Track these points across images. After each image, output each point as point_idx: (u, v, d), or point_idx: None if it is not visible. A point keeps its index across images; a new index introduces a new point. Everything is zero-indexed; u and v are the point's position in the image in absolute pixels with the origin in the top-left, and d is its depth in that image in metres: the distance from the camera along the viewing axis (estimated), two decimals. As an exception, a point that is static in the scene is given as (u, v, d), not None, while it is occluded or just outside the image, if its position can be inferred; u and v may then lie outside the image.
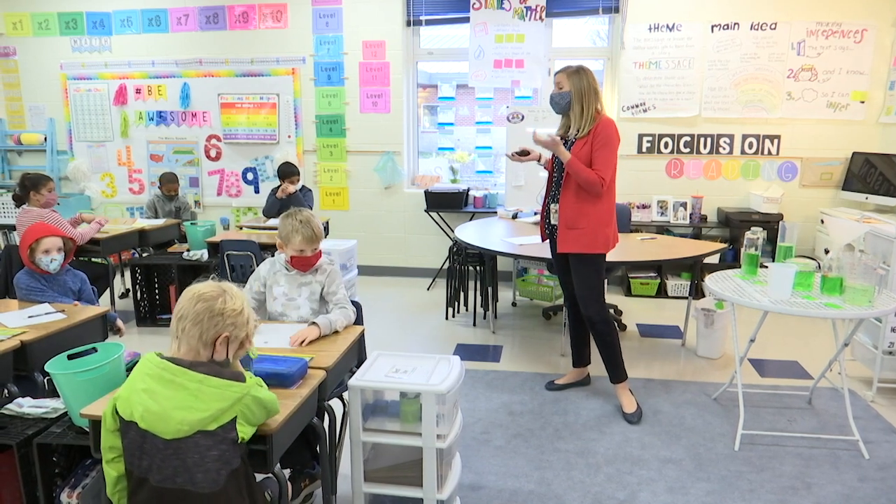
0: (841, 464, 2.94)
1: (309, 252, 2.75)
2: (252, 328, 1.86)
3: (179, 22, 6.40)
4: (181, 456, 1.66)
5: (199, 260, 4.81)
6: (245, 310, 1.82)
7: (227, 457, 1.69)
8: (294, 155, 6.38)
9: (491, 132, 6.68)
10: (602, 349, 3.46)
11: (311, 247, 2.75)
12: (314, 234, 2.73)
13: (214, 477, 1.67)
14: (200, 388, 1.67)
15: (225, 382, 1.71)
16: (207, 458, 1.67)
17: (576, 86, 3.19)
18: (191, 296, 1.77)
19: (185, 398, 1.66)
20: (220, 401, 1.68)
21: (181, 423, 1.64)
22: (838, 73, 5.53)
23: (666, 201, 5.83)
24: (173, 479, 1.67)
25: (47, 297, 3.29)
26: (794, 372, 4.03)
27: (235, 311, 1.78)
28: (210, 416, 1.67)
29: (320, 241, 2.78)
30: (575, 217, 3.26)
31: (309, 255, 2.75)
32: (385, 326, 4.95)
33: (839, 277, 2.95)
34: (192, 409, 1.65)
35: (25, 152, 6.99)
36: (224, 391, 1.69)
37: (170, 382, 1.67)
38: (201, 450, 1.66)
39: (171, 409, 1.65)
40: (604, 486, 2.77)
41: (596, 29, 6.29)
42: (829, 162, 5.70)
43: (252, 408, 1.74)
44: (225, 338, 1.77)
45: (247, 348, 1.87)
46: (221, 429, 1.68)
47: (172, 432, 1.65)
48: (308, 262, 2.77)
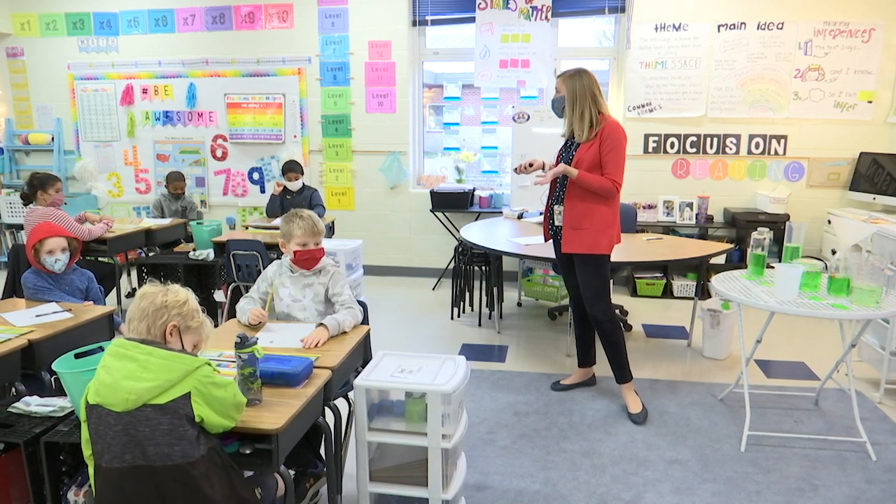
0: (848, 465, 2.93)
1: (311, 245, 2.76)
2: (204, 320, 1.92)
3: (186, 22, 6.42)
4: (130, 431, 1.67)
5: (205, 259, 4.82)
6: (190, 301, 1.88)
7: (179, 432, 1.69)
8: (300, 155, 6.39)
9: (496, 132, 6.67)
10: (607, 349, 3.46)
11: (314, 240, 2.76)
12: (314, 227, 2.76)
13: (166, 451, 1.68)
14: (149, 358, 1.71)
15: (173, 354, 1.75)
16: (157, 431, 1.67)
17: (569, 89, 3.20)
18: (136, 296, 1.85)
19: (134, 369, 1.69)
20: (167, 371, 1.71)
21: (129, 392, 1.67)
22: (846, 73, 5.50)
23: (672, 201, 5.81)
24: (122, 458, 1.68)
25: (54, 296, 3.31)
26: (800, 373, 4.01)
27: (179, 301, 1.85)
28: (157, 385, 1.68)
29: (321, 236, 2.80)
30: (580, 218, 3.26)
31: (312, 249, 2.76)
32: (390, 326, 4.95)
33: (846, 278, 2.94)
34: (140, 379, 1.68)
35: (33, 152, 7.03)
36: (172, 362, 1.72)
37: (122, 356, 1.72)
38: (151, 423, 1.67)
39: (120, 380, 1.68)
40: (609, 487, 2.76)
41: (602, 29, 6.28)
42: (836, 162, 5.68)
43: (208, 386, 1.75)
44: (174, 327, 1.82)
45: (203, 340, 1.93)
46: (173, 402, 1.69)
47: (121, 403, 1.67)
48: (312, 257, 2.78)
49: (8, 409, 2.23)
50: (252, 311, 2.70)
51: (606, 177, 3.17)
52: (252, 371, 1.98)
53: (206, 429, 1.78)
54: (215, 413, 1.77)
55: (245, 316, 2.72)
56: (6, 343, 2.58)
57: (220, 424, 1.80)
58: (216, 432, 1.82)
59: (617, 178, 3.18)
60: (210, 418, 1.76)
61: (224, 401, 1.80)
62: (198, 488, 1.71)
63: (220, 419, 1.79)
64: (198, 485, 1.71)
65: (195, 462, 1.71)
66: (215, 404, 1.77)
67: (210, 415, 1.76)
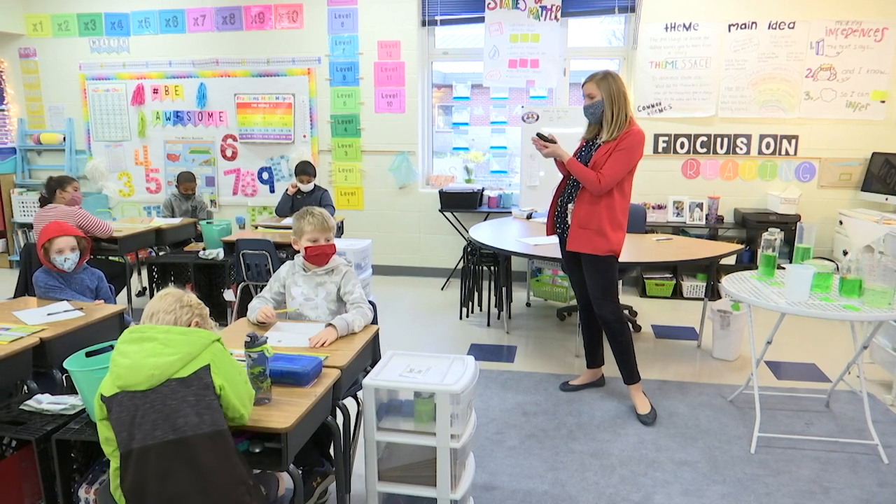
0: (859, 468, 2.91)
1: (322, 241, 2.78)
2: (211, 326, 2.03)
3: (196, 22, 6.45)
4: (158, 407, 1.71)
5: (215, 259, 4.85)
6: (205, 309, 2.02)
7: (205, 401, 1.74)
8: (309, 155, 6.41)
9: (506, 132, 6.67)
10: (615, 350, 3.45)
11: (324, 235, 2.78)
12: (325, 223, 2.78)
13: (195, 420, 1.71)
14: (167, 336, 1.80)
15: (190, 329, 1.86)
16: (185, 402, 1.72)
17: (605, 91, 3.18)
18: (157, 296, 1.97)
19: (154, 347, 1.76)
20: (188, 345, 1.79)
21: (153, 367, 1.73)
22: (858, 73, 5.46)
23: (682, 202, 5.79)
24: (153, 434, 1.70)
25: (65, 294, 3.33)
26: (811, 374, 3.99)
27: (199, 304, 1.99)
28: (179, 359, 1.75)
29: (332, 232, 2.82)
30: (588, 217, 3.25)
31: (323, 245, 2.78)
32: (399, 326, 4.96)
33: (858, 279, 2.92)
34: (162, 354, 1.75)
35: (45, 152, 7.08)
36: (190, 336, 1.81)
37: (139, 339, 1.79)
38: (177, 396, 1.73)
39: (142, 359, 1.74)
40: (618, 488, 2.75)
41: (612, 28, 6.26)
42: (848, 162, 5.64)
43: (223, 360, 1.84)
44: (196, 324, 1.95)
45: None
46: (195, 374, 1.76)
47: (146, 380, 1.72)
48: (323, 253, 2.80)
49: (20, 407, 2.25)
50: (260, 310, 2.71)
51: (598, 171, 3.16)
52: (262, 370, 1.98)
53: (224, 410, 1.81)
54: (234, 390, 1.81)
55: (253, 314, 2.74)
56: (18, 341, 2.60)
57: (235, 406, 1.81)
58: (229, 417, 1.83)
59: (608, 175, 3.13)
60: (227, 392, 1.79)
61: (238, 382, 1.85)
62: (230, 457, 1.75)
63: (236, 400, 1.82)
64: (230, 454, 1.75)
65: (224, 432, 1.75)
66: (231, 380, 1.82)
67: (228, 388, 1.80)
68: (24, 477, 2.22)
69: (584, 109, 3.29)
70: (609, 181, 3.16)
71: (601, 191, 3.18)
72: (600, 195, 3.20)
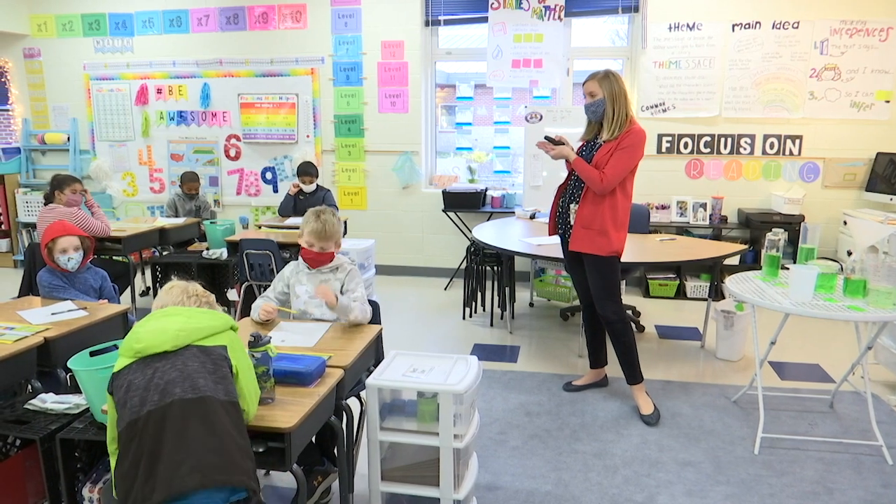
0: (864, 469, 2.90)
1: (317, 248, 2.78)
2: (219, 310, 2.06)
3: (200, 22, 6.46)
4: (179, 367, 1.74)
5: (219, 259, 4.85)
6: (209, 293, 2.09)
7: (222, 372, 1.79)
8: (312, 155, 6.41)
9: (509, 132, 6.66)
10: (618, 350, 3.44)
11: (320, 244, 2.78)
12: (324, 231, 2.76)
13: (213, 385, 1.73)
14: (191, 311, 1.90)
15: (212, 311, 1.96)
16: (205, 368, 1.76)
17: (607, 90, 3.18)
18: (163, 290, 2.05)
19: (180, 319, 1.85)
20: (212, 318, 1.88)
21: (180, 329, 1.79)
22: (862, 73, 5.45)
23: (685, 202, 5.78)
24: (171, 392, 1.68)
25: (69, 294, 3.34)
26: (815, 375, 3.98)
27: (205, 292, 2.07)
28: (205, 327, 1.84)
29: (331, 242, 2.79)
30: (591, 217, 3.25)
31: (315, 252, 2.79)
32: (402, 326, 4.96)
33: (862, 280, 2.91)
34: (189, 321, 1.83)
35: (49, 152, 7.10)
36: (213, 314, 1.92)
37: (163, 315, 1.87)
38: (199, 360, 1.77)
39: (168, 325, 1.80)
40: (621, 489, 2.75)
41: (615, 28, 6.26)
42: (852, 162, 5.62)
43: (238, 346, 1.90)
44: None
45: None
46: (215, 347, 1.82)
47: (171, 339, 1.76)
48: (315, 259, 2.81)
49: (24, 406, 2.26)
50: (262, 307, 2.72)
51: (601, 170, 3.16)
52: (265, 370, 1.99)
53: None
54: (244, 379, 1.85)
55: (256, 313, 2.75)
56: (23, 340, 2.61)
57: (244, 397, 1.83)
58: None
59: (609, 174, 3.13)
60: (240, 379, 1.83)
61: (249, 376, 1.88)
62: (243, 429, 1.76)
63: (246, 391, 1.84)
64: (243, 427, 1.76)
65: (237, 405, 1.78)
66: (245, 370, 1.87)
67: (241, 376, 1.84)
68: (28, 476, 2.23)
69: (585, 108, 3.29)
70: (612, 180, 3.16)
71: (604, 190, 3.18)
72: (603, 195, 3.20)
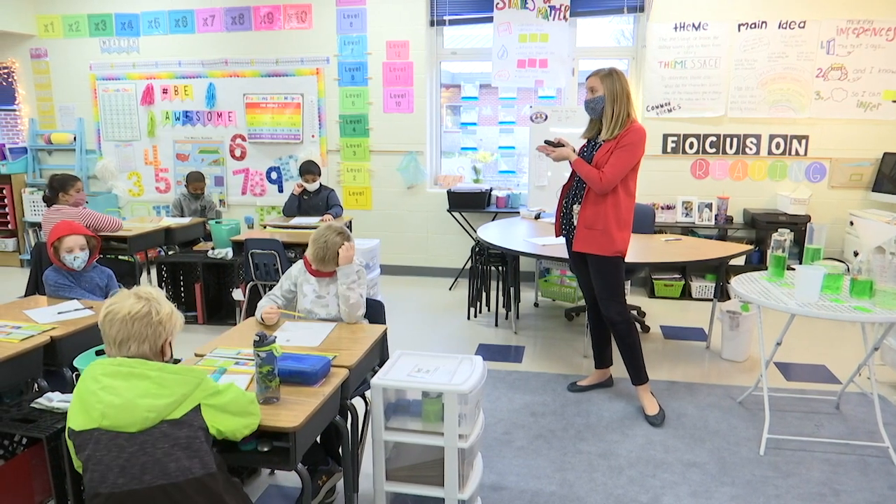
0: (870, 471, 2.89)
1: (314, 265, 2.84)
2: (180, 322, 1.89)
3: (206, 23, 6.48)
4: (148, 450, 1.63)
5: (224, 258, 4.86)
6: (174, 313, 1.86)
7: (196, 444, 1.68)
8: (318, 154, 6.42)
9: (514, 132, 6.66)
10: (623, 350, 3.44)
11: (316, 265, 2.83)
12: (323, 256, 2.79)
13: (186, 464, 1.65)
14: (161, 374, 1.70)
15: (182, 367, 1.77)
16: (177, 445, 1.65)
17: (609, 88, 3.17)
18: (121, 318, 1.75)
19: (149, 386, 1.67)
20: (182, 385, 1.70)
21: (149, 410, 1.64)
22: (869, 72, 5.43)
23: (691, 202, 5.77)
24: (140, 479, 1.62)
25: (75, 293, 3.35)
26: (821, 376, 3.96)
27: (169, 314, 1.83)
28: (175, 401, 1.67)
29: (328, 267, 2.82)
30: (594, 218, 3.24)
31: (313, 268, 2.85)
32: (407, 326, 4.96)
33: (869, 280, 2.90)
34: (158, 396, 1.66)
35: (55, 151, 7.12)
36: (184, 376, 1.72)
37: (129, 375, 1.68)
38: (169, 439, 1.65)
39: (135, 399, 1.64)
40: (626, 489, 2.75)
41: (620, 28, 6.24)
42: (858, 163, 5.60)
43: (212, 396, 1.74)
44: (169, 343, 1.85)
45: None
46: (187, 416, 1.69)
47: (140, 422, 1.63)
48: (318, 273, 2.86)
49: (31, 405, 2.27)
50: (265, 310, 2.73)
51: (600, 169, 3.16)
52: (270, 369, 1.99)
53: (229, 438, 1.79)
54: (233, 415, 1.78)
55: (260, 313, 2.76)
56: (29, 339, 2.62)
57: (244, 425, 1.80)
58: (244, 435, 1.82)
59: (610, 173, 3.12)
60: (228, 423, 1.76)
61: (234, 401, 1.80)
62: (220, 498, 1.70)
63: (241, 419, 1.80)
64: (219, 497, 1.70)
65: (215, 474, 1.70)
66: (229, 407, 1.77)
67: (227, 420, 1.76)
68: (35, 474, 2.24)
69: (584, 103, 3.30)
70: (611, 179, 3.15)
71: (604, 189, 3.17)
72: (605, 194, 3.20)
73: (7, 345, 2.54)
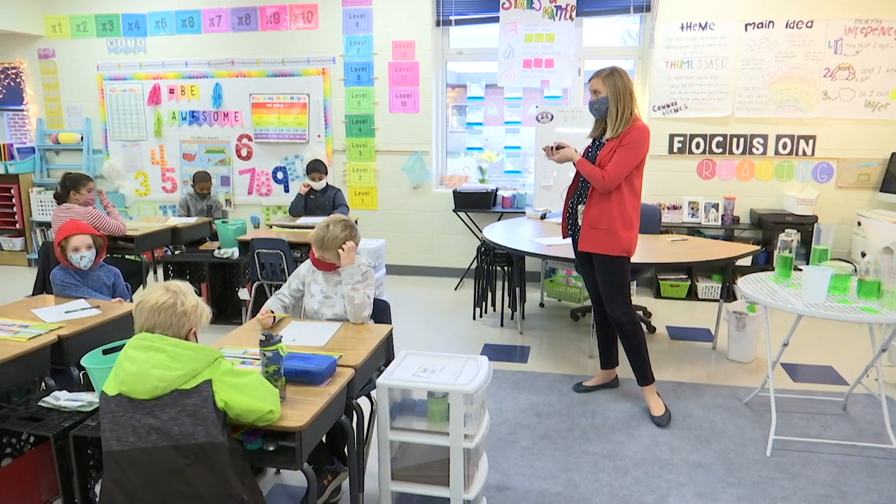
0: (878, 473, 2.87)
1: (317, 255, 2.84)
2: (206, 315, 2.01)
3: (212, 23, 6.49)
4: (157, 413, 1.75)
5: (230, 258, 4.88)
6: (199, 304, 1.97)
7: (203, 413, 1.76)
8: (324, 154, 6.43)
9: (520, 132, 6.65)
10: (628, 351, 3.43)
11: (319, 252, 2.83)
12: (322, 241, 2.79)
13: (190, 430, 1.74)
14: (176, 350, 1.81)
15: (198, 346, 1.87)
16: (184, 412, 1.75)
17: (611, 87, 3.17)
18: (149, 308, 1.87)
19: (163, 359, 1.79)
20: (194, 361, 1.81)
21: (159, 380, 1.76)
22: (877, 72, 5.40)
23: (697, 202, 5.75)
24: (146, 439, 1.73)
25: (81, 292, 3.36)
26: (828, 377, 3.94)
27: (194, 306, 1.94)
28: (185, 374, 1.78)
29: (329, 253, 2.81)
30: (598, 217, 3.24)
31: (316, 258, 2.85)
32: (413, 326, 4.96)
33: (877, 281, 2.88)
34: (170, 368, 1.78)
35: (63, 151, 7.16)
36: (197, 353, 1.83)
37: (148, 348, 1.81)
38: (177, 405, 1.76)
39: (148, 369, 1.77)
40: (632, 490, 2.74)
41: (627, 28, 6.23)
42: (866, 163, 5.57)
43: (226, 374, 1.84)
44: (193, 332, 1.94)
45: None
46: (198, 387, 1.78)
47: (150, 390, 1.75)
48: (321, 264, 2.86)
49: (38, 404, 2.28)
50: (259, 314, 2.75)
51: (604, 168, 3.15)
52: (276, 369, 1.99)
53: (241, 418, 1.82)
54: (246, 396, 1.83)
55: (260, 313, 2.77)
56: (37, 338, 2.63)
57: (255, 408, 1.83)
58: (253, 418, 1.84)
59: (612, 171, 3.12)
60: (237, 400, 1.81)
61: (251, 385, 1.86)
62: (222, 470, 1.75)
63: (253, 400, 1.83)
64: (222, 469, 1.75)
65: (218, 445, 1.76)
66: (244, 389, 1.84)
67: (238, 399, 1.81)
68: (42, 472, 2.25)
69: (588, 105, 3.29)
70: (613, 177, 3.14)
71: (607, 188, 3.17)
72: (608, 193, 3.19)
73: (15, 344, 2.55)
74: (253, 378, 1.90)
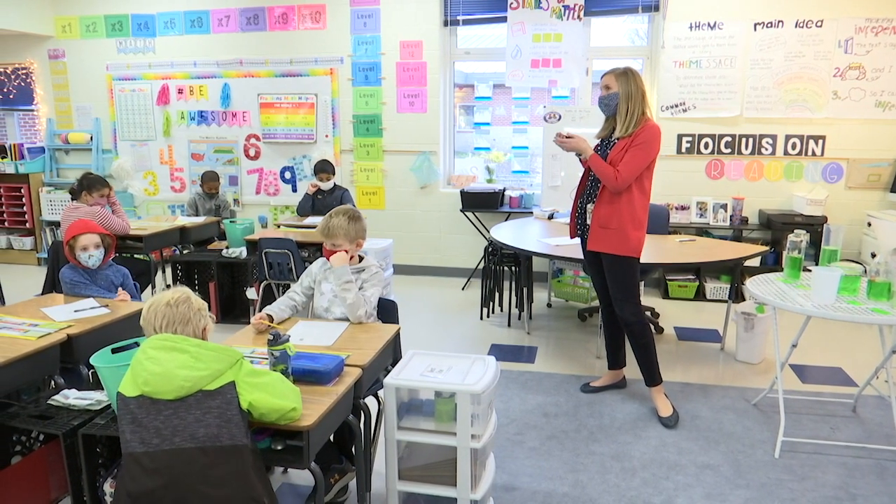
0: (888, 475, 2.85)
1: (328, 245, 2.85)
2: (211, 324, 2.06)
3: (221, 23, 6.52)
4: (181, 414, 1.76)
5: (238, 257, 4.89)
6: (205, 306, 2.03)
7: (228, 415, 1.78)
8: (331, 154, 6.44)
9: (527, 132, 6.65)
10: (636, 351, 3.42)
11: (329, 241, 2.83)
12: (326, 229, 2.82)
13: (215, 432, 1.75)
14: (199, 350, 1.83)
15: (221, 347, 1.89)
16: (209, 413, 1.76)
17: (623, 87, 3.16)
18: (165, 304, 1.93)
19: (187, 359, 1.80)
20: (218, 361, 1.83)
21: (185, 380, 1.77)
22: (888, 72, 5.36)
23: (706, 203, 5.72)
24: (171, 440, 1.74)
25: (90, 290, 3.38)
26: (837, 379, 3.92)
27: (204, 305, 2.01)
28: (210, 374, 1.80)
29: (336, 239, 2.81)
30: (608, 217, 3.23)
31: (328, 248, 2.85)
32: (420, 326, 4.96)
33: (887, 282, 2.86)
34: (194, 368, 1.79)
35: (72, 151, 7.20)
36: (220, 354, 1.85)
37: (172, 349, 1.82)
38: (202, 407, 1.77)
39: (174, 369, 1.78)
40: (639, 491, 2.73)
41: (635, 28, 6.22)
42: (876, 163, 5.53)
43: (249, 375, 1.86)
44: (205, 329, 1.99)
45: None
46: (222, 388, 1.80)
47: (175, 390, 1.76)
48: (328, 253, 2.86)
49: (48, 402, 2.29)
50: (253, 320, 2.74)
51: (616, 167, 3.14)
52: (284, 368, 2.00)
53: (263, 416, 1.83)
54: (269, 395, 1.84)
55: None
56: (47, 337, 2.65)
57: (278, 406, 1.84)
58: (276, 417, 1.85)
59: (624, 171, 3.12)
60: (262, 400, 1.82)
61: (273, 384, 1.87)
62: (246, 472, 1.77)
63: (276, 399, 1.84)
64: (246, 471, 1.77)
65: (242, 447, 1.77)
66: (266, 388, 1.85)
67: (262, 398, 1.82)
68: (51, 470, 2.26)
69: (598, 100, 3.29)
70: (626, 177, 3.14)
71: (619, 187, 3.16)
72: (619, 193, 3.19)
73: (25, 342, 2.57)
74: (273, 377, 1.91)
